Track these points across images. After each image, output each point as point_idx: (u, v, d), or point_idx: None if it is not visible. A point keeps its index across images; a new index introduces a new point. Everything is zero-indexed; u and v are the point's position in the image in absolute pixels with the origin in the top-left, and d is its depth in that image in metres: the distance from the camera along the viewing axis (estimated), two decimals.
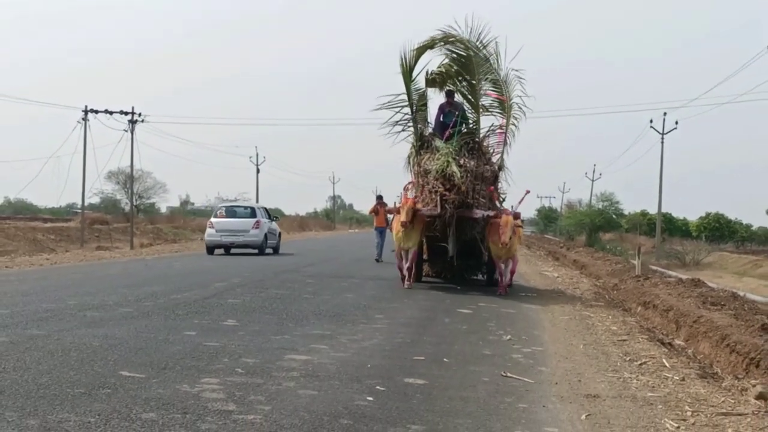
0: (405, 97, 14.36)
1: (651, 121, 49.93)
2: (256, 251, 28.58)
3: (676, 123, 49.27)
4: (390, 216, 16.85)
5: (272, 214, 33.12)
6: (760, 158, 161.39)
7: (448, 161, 12.57)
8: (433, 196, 12.72)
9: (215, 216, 30.64)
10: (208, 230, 29.72)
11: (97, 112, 37.38)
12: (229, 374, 6.21)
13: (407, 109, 14.46)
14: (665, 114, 49.29)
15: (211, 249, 28.93)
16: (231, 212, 30.69)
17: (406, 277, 13.39)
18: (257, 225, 28.99)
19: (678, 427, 5.22)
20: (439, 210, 12.61)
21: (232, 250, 29.06)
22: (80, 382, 5.65)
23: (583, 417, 5.41)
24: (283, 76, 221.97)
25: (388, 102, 14.52)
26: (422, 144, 14.04)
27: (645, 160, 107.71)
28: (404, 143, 14.77)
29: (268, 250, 29.22)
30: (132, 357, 6.75)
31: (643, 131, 53.57)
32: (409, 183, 13.87)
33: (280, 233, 32.65)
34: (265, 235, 29.20)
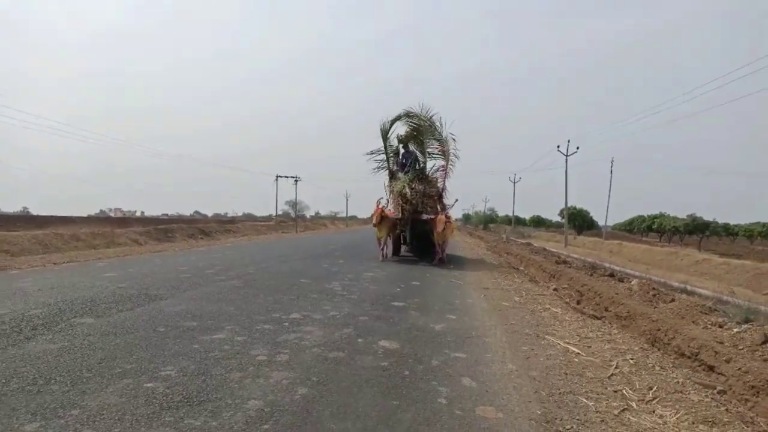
0: (382, 149, 11.17)
1: (509, 178, 49.87)
2: None
3: (520, 178, 48.82)
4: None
5: None
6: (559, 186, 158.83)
7: (404, 185, 10.12)
8: (398, 206, 10.24)
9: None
10: None
11: (280, 176, 38.52)
12: (342, 280, 6.25)
13: (383, 156, 11.23)
14: (515, 177, 48.55)
15: None
16: None
17: (381, 254, 10.15)
18: None
19: (519, 299, 5.31)
20: (400, 215, 10.04)
21: None
22: (284, 283, 5.75)
23: (482, 296, 5.49)
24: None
25: (374, 152, 11.34)
26: (392, 175, 11.01)
27: (507, 194, 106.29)
28: (383, 175, 11.32)
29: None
30: (303, 274, 6.78)
31: (505, 184, 53.70)
32: (380, 198, 10.40)
33: None
34: None
